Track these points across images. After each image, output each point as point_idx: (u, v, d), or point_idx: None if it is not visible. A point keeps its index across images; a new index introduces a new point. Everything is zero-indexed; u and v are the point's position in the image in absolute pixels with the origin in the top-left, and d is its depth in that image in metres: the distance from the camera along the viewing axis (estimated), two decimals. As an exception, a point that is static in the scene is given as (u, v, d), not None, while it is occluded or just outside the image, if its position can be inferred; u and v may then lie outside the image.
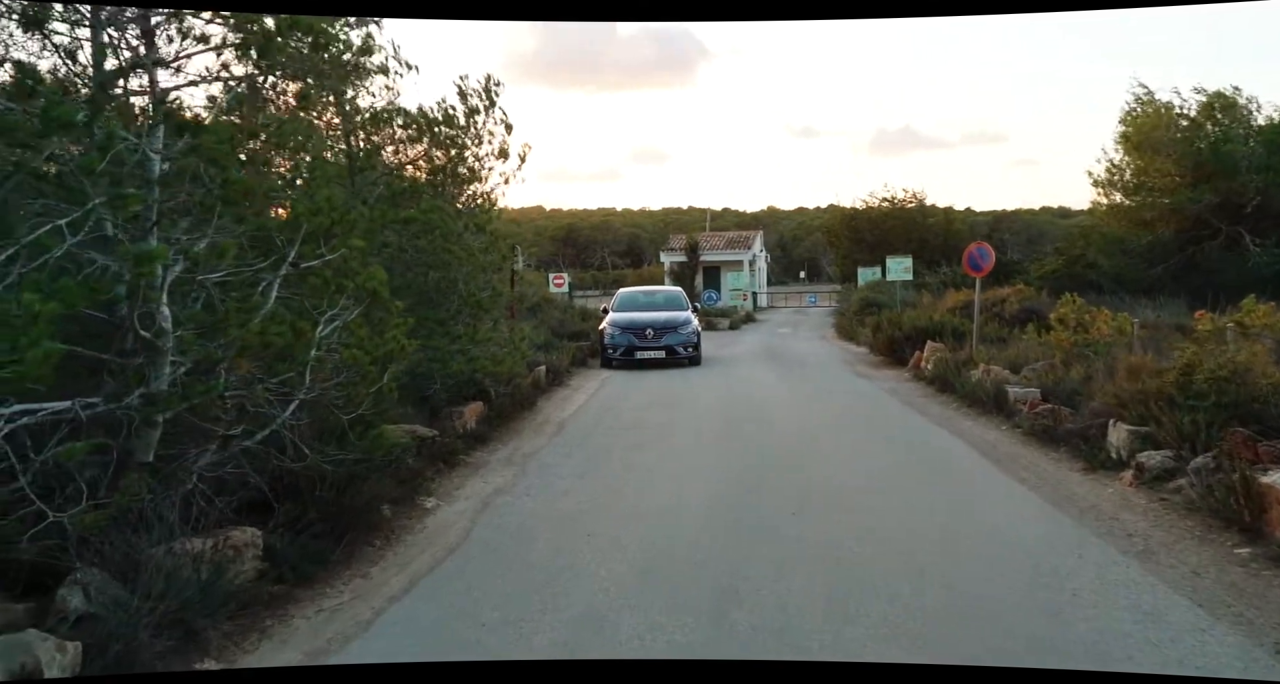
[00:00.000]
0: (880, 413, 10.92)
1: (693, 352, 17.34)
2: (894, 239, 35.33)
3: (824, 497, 6.66)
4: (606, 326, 17.62)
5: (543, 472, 7.70)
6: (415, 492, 6.56)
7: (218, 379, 4.10)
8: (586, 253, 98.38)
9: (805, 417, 10.62)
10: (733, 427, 9.93)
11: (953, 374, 12.26)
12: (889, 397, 12.35)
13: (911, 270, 23.28)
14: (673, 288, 20.06)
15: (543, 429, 9.98)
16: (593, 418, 10.81)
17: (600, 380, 15.10)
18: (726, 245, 49.59)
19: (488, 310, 9.86)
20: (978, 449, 8.45)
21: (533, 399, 12.01)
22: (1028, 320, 16.16)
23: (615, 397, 12.88)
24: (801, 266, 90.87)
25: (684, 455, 8.30)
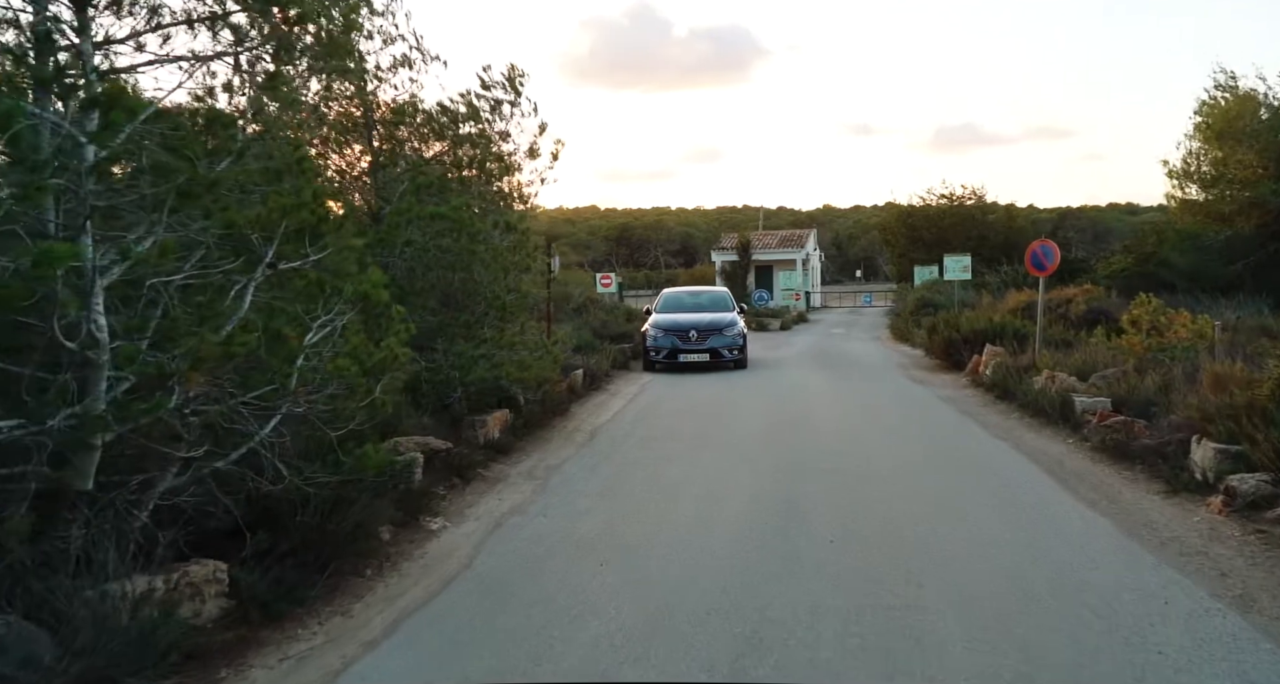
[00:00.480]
0: (934, 423, 10.16)
1: (738, 354, 16.67)
2: (952, 237, 34.18)
3: (868, 523, 6.00)
4: (649, 328, 17.05)
5: (564, 487, 7.15)
6: (421, 511, 6.06)
7: (166, 396, 3.62)
8: (640, 252, 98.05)
9: (852, 427, 9.92)
10: (773, 438, 9.28)
11: (1013, 381, 11.44)
12: (944, 405, 11.57)
13: (970, 269, 22.29)
14: (718, 288, 19.41)
15: (572, 438, 9.44)
16: (626, 426, 10.24)
17: (640, 385, 14.53)
18: (779, 244, 48.67)
19: (514, 314, 9.35)
20: (1042, 466, 7.69)
21: (566, 405, 11.49)
22: (1096, 322, 15.20)
23: (653, 402, 12.30)
24: (857, 266, 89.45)
25: (717, 471, 7.68)
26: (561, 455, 8.49)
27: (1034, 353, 12.93)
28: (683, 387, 14.20)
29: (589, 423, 10.51)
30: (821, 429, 9.78)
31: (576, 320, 21.45)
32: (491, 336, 8.96)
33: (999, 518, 6.10)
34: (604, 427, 10.22)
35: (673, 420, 10.56)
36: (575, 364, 13.94)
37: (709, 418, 10.74)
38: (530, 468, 7.91)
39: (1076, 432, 8.89)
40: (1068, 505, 6.42)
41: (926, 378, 14.89)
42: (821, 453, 8.36)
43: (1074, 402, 9.43)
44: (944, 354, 15.99)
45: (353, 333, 5.19)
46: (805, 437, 9.29)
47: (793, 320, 32.68)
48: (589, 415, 11.14)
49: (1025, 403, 10.47)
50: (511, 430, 9.03)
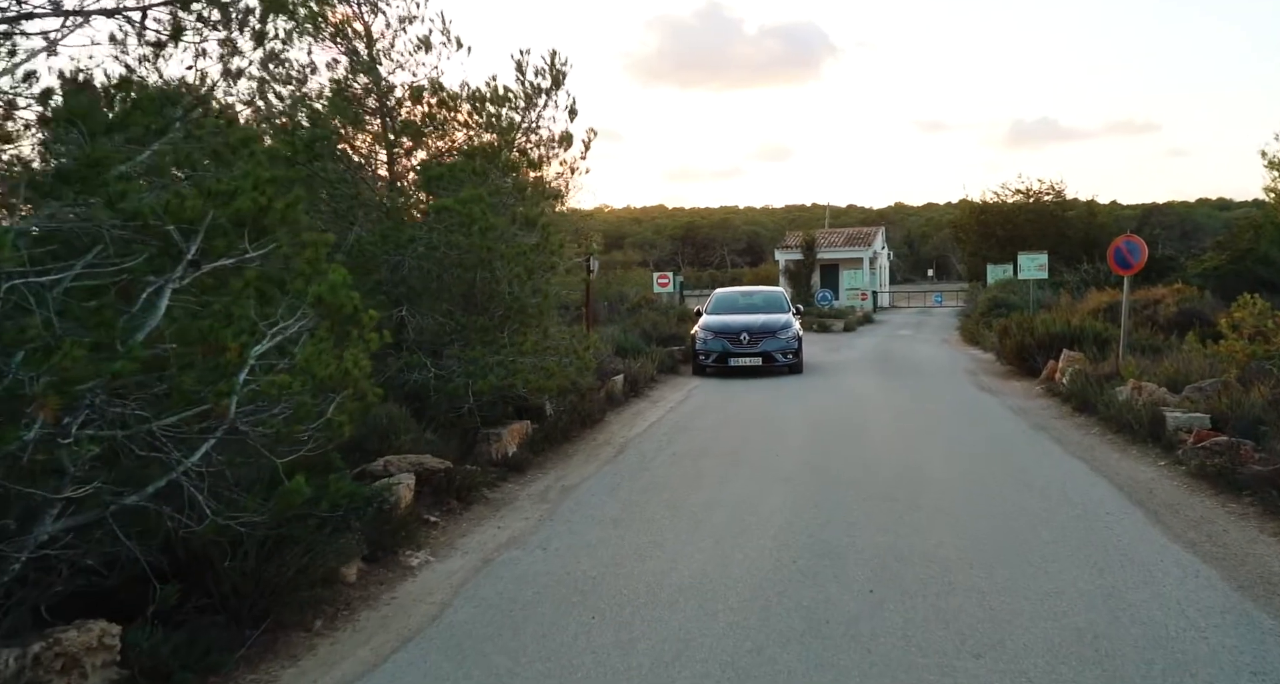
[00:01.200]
0: (1003, 439, 9.11)
1: (792, 359, 15.70)
2: (1028, 234, 32.50)
3: (916, 567, 5.08)
4: (698, 331, 16.19)
5: (575, 513, 6.37)
6: (403, 544, 5.33)
7: (14, 426, 2.96)
8: (705, 252, 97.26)
9: (908, 444, 8.93)
10: (817, 455, 8.36)
11: (1094, 391, 10.29)
12: (1015, 417, 10.48)
13: (1047, 268, 20.89)
14: (773, 288, 18.45)
15: (598, 453, 8.66)
16: (660, 439, 9.42)
17: (686, 391, 13.68)
18: (845, 242, 47.25)
19: (537, 317, 8.61)
20: (1128, 494, 6.64)
21: (601, 414, 10.72)
22: (1188, 326, 13.87)
23: (695, 411, 11.45)
24: (929, 265, 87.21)
25: (749, 495, 6.81)
26: (582, 474, 7.72)
27: (1117, 359, 11.73)
28: (730, 393, 13.32)
29: (621, 435, 9.72)
30: (873, 445, 8.82)
31: (626, 321, 20.73)
32: (511, 342, 8.23)
33: (1074, 560, 5.12)
34: (636, 439, 9.42)
35: (712, 433, 9.71)
36: (616, 369, 13.20)
37: (752, 430, 9.85)
38: (544, 489, 7.14)
39: (1168, 453, 7.79)
40: (1160, 546, 5.40)
41: (996, 385, 13.74)
42: (870, 475, 7.42)
43: (1165, 417, 8.31)
44: (1016, 359, 14.80)
45: (313, 343, 4.49)
46: (853, 454, 8.35)
47: (857, 321, 31.44)
48: (623, 426, 10.35)
49: (1107, 416, 9.35)
50: (531, 444, 8.29)
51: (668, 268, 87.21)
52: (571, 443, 9.08)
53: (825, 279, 44.18)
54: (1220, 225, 55.75)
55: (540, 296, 8.60)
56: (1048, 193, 34.98)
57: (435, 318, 8.09)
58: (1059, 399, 11.56)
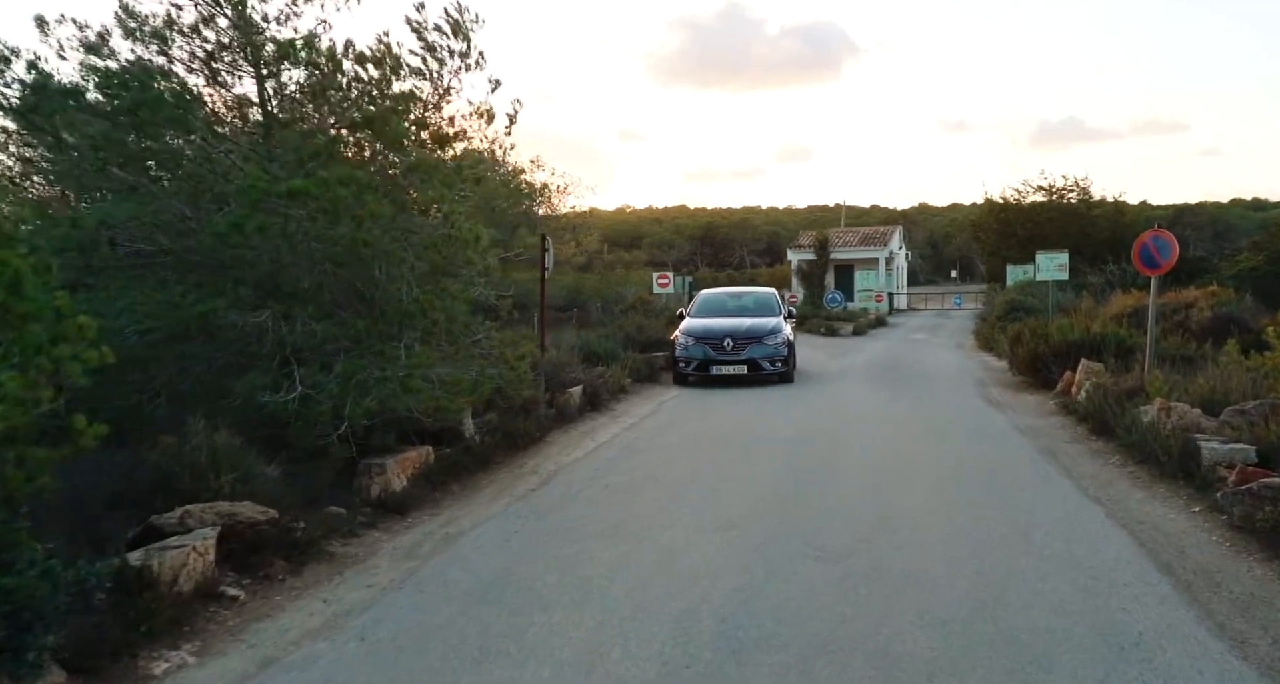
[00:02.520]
0: (1005, 468, 7.64)
1: (780, 367, 14.24)
2: (1051, 233, 30.73)
3: (862, 676, 3.66)
4: (679, 336, 14.76)
5: (438, 577, 4.98)
6: (159, 637, 3.95)
7: None
8: (725, 252, 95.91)
9: (894, 476, 7.48)
10: (779, 493, 6.93)
11: (1114, 411, 8.79)
12: (1022, 440, 8.99)
13: (1068, 268, 19.28)
14: (764, 289, 16.99)
15: (515, 485, 7.26)
16: (602, 465, 8.03)
17: (657, 403, 12.27)
18: (861, 242, 45.63)
19: (445, 323, 7.23)
20: (1153, 554, 5.17)
21: (542, 432, 9.34)
22: (1224, 333, 12.28)
23: (657, 430, 10.04)
24: (953, 265, 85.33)
25: (673, 550, 5.40)
26: (481, 514, 6.32)
27: (1143, 372, 10.20)
28: (706, 407, 11.90)
29: (557, 459, 8.33)
30: (850, 479, 7.38)
31: (612, 324, 19.36)
32: (408, 353, 6.85)
33: (1080, 663, 3.68)
34: (572, 465, 8.03)
35: (665, 458, 8.30)
36: (576, 378, 11.82)
37: (713, 455, 8.44)
38: (418, 539, 5.75)
39: (1204, 494, 6.30)
40: (1198, 644, 3.94)
41: (1006, 399, 12.23)
42: (833, 523, 5.98)
43: (1200, 447, 6.81)
44: (1029, 369, 13.28)
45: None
46: (823, 491, 6.91)
47: (868, 324, 29.87)
48: (565, 447, 8.96)
49: (1129, 443, 7.85)
50: (428, 476, 6.91)
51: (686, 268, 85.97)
52: (489, 471, 7.70)
53: (840, 280, 42.59)
54: (1254, 226, 53.51)
55: (447, 299, 7.22)
56: (1072, 189, 33.16)
57: (323, 324, 6.72)
58: (1074, 418, 10.06)
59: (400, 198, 6.77)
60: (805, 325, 29.28)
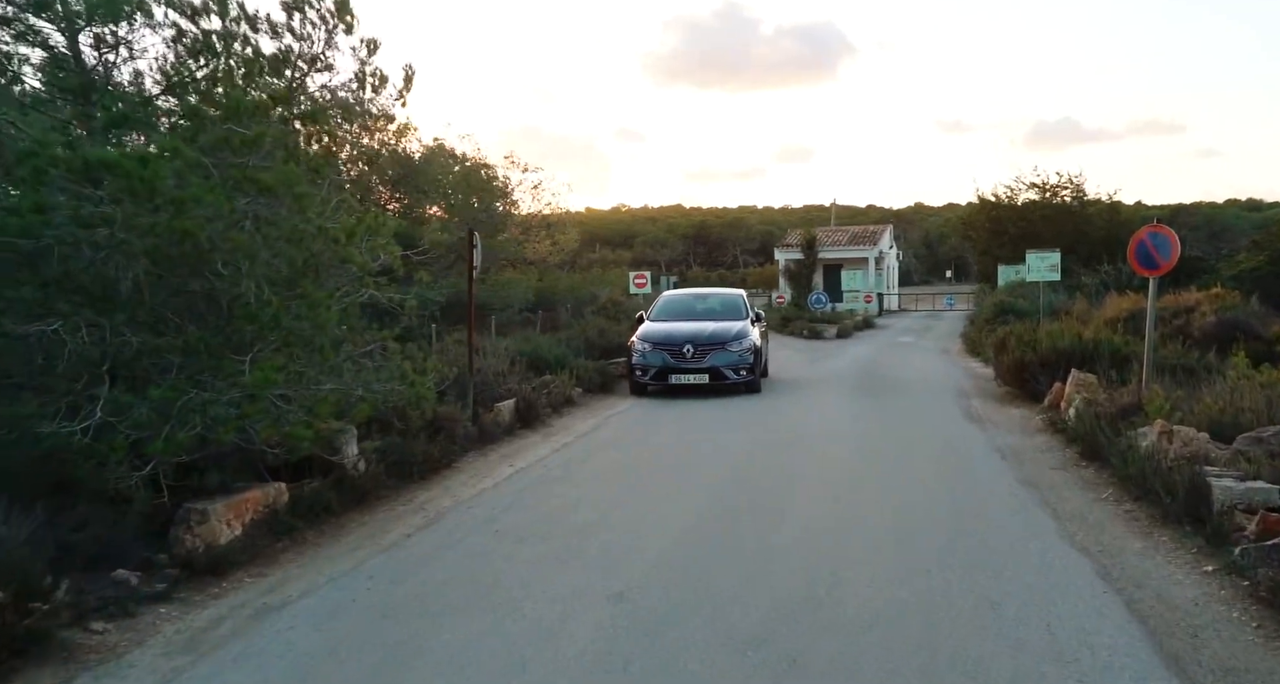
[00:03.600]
0: (981, 507, 6.43)
1: (746, 375, 13.03)
2: (1043, 232, 29.55)
3: None
4: (635, 342, 13.53)
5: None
6: None
7: None
8: (718, 251, 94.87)
9: (848, 517, 6.28)
10: (702, 541, 5.72)
11: (1107, 433, 7.60)
12: (1003, 466, 7.81)
13: (1059, 269, 18.09)
14: (731, 290, 15.77)
15: (383, 533, 5.99)
16: (504, 501, 6.82)
17: (602, 418, 11.06)
18: (850, 241, 44.48)
19: (305, 333, 6.00)
20: (1158, 643, 3.97)
21: (452, 457, 8.13)
22: (1229, 340, 11.10)
23: (588, 453, 8.83)
24: (948, 265, 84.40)
25: (541, 631, 4.19)
26: (320, 576, 5.08)
27: (1140, 386, 9.02)
28: (653, 424, 10.69)
29: (456, 493, 7.11)
30: (795, 519, 6.17)
31: (572, 328, 18.14)
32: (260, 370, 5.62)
33: None
34: (469, 502, 6.80)
35: (578, 493, 7.09)
36: (510, 390, 10.61)
37: (639, 487, 7.24)
38: (218, 616, 4.48)
39: (1217, 547, 5.11)
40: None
41: (989, 413, 11.04)
42: (760, 587, 4.77)
43: (1210, 485, 5.61)
44: (1015, 379, 12.09)
45: None
46: (757, 540, 5.71)
47: (854, 326, 28.68)
48: (474, 476, 7.74)
49: (1125, 474, 6.65)
50: (274, 521, 5.67)
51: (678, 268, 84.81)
52: (367, 510, 6.48)
53: (828, 280, 41.41)
54: (1251, 226, 52.35)
55: (311, 305, 5.99)
56: (1065, 187, 31.92)
57: (141, 335, 5.49)
58: (1063, 438, 8.88)
59: (252, 179, 5.54)
60: (788, 327, 28.12)
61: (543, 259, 29.62)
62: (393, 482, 7.07)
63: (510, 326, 19.79)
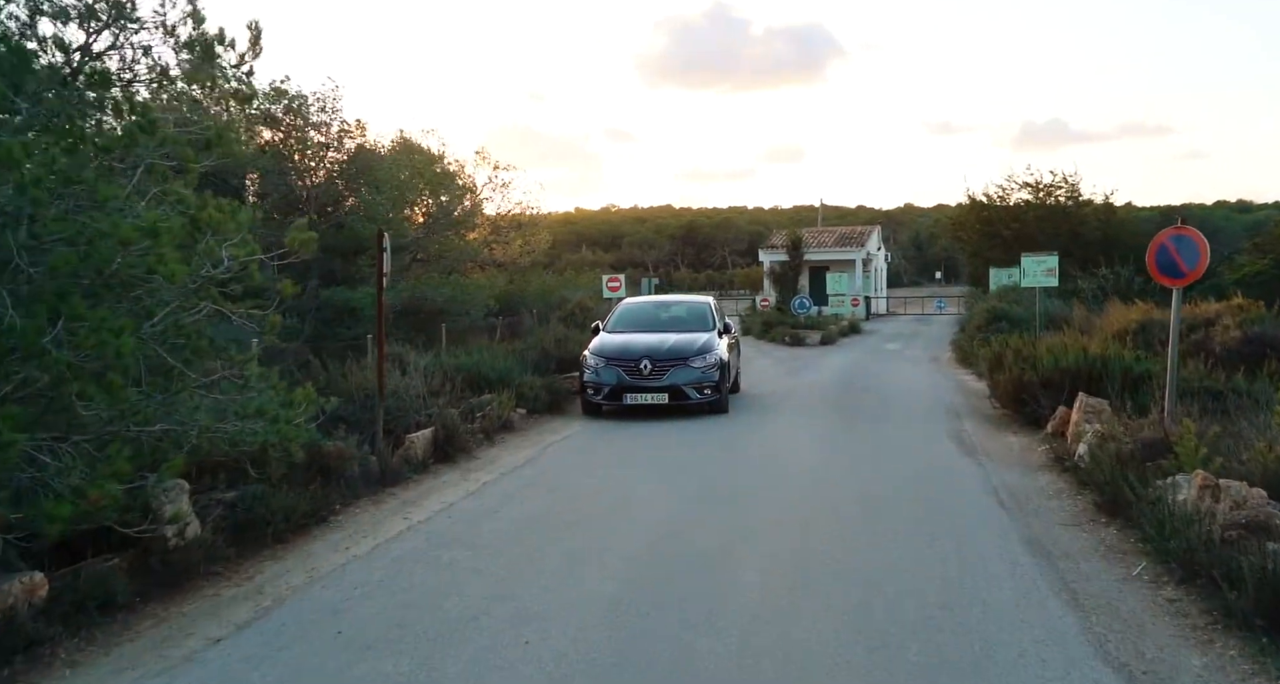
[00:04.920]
0: (978, 587, 4.98)
1: (710, 394, 11.57)
2: (1038, 233, 28.20)
3: None
4: (588, 356, 12.05)
5: None
6: None
7: None
8: (707, 252, 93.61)
9: (805, 607, 4.83)
10: (620, 645, 4.26)
11: (1130, 480, 6.16)
12: (1003, 518, 6.37)
13: (1057, 273, 16.71)
14: (698, 298, 14.29)
15: (179, 641, 4.48)
16: (373, 579, 5.34)
17: (539, 449, 9.58)
18: (836, 242, 43.07)
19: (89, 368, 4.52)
20: None
21: (330, 509, 6.66)
22: (1259, 359, 9.71)
23: (507, 498, 7.35)
24: (938, 267, 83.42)
25: None
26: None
27: (1163, 417, 7.62)
28: (593, 458, 9.22)
29: (313, 565, 5.60)
30: (737, 607, 4.72)
31: (528, 338, 16.67)
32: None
33: None
34: (325, 579, 5.32)
35: (470, 563, 5.62)
36: (429, 416, 9.13)
37: (549, 553, 5.76)
38: None
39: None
40: None
41: (983, 440, 9.63)
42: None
43: None
44: (1013, 400, 10.67)
45: None
46: (680, 644, 4.25)
47: (838, 332, 27.26)
48: (348, 536, 6.25)
49: (1161, 545, 5.21)
50: (11, 632, 4.16)
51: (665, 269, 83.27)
52: (183, 595, 4.97)
53: (814, 282, 39.99)
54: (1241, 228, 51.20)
55: (97, 332, 4.49)
56: (1060, 186, 30.50)
57: None
58: (1072, 477, 7.47)
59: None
60: (770, 334, 26.69)
61: (513, 260, 28.15)
62: (235, 550, 5.58)
63: (469, 334, 18.32)
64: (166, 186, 5.29)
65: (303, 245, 6.01)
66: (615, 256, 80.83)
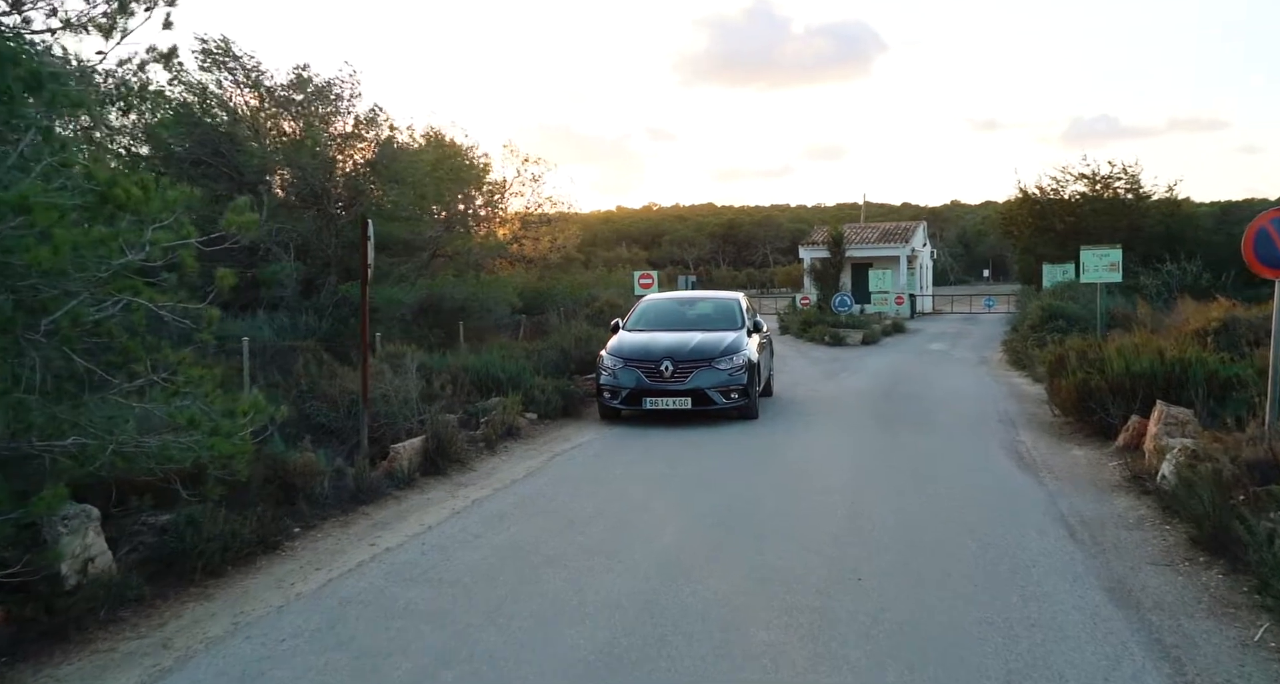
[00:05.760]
0: (1048, 645, 3.94)
1: (738, 398, 10.55)
2: (1094, 227, 26.63)
3: None
4: (605, 357, 11.10)
5: None
6: None
7: None
8: (747, 250, 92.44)
9: (839, 637, 3.82)
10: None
11: (1238, 514, 5.05)
12: (1076, 553, 5.29)
13: (1120, 268, 15.40)
14: (726, 294, 13.23)
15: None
16: (299, 631, 4.43)
17: (545, 459, 8.65)
18: (880, 238, 41.65)
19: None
20: None
21: (277, 537, 5.76)
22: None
23: (492, 520, 6.41)
24: (985, 264, 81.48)
25: None
26: None
27: (1267, 431, 6.47)
28: (599, 471, 8.25)
29: (242, 609, 4.69)
30: (747, 648, 3.73)
31: (549, 337, 15.77)
32: None
33: None
34: (245, 630, 4.41)
35: (429, 605, 4.69)
36: (421, 422, 8.24)
37: (524, 597, 4.81)
38: None
39: None
40: None
41: (1043, 453, 8.51)
42: None
43: None
44: (1076, 407, 9.52)
45: None
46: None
47: (881, 332, 26.01)
48: (300, 568, 5.35)
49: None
50: None
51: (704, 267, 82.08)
52: (69, 651, 4.09)
53: (856, 280, 38.66)
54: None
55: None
56: (1119, 177, 28.79)
57: None
58: (1157, 505, 6.34)
59: None
60: (809, 333, 25.54)
61: (542, 256, 27.34)
62: (156, 588, 4.71)
63: (491, 333, 17.48)
64: (66, 156, 4.43)
65: (242, 228, 5.13)
66: (655, 254, 79.99)
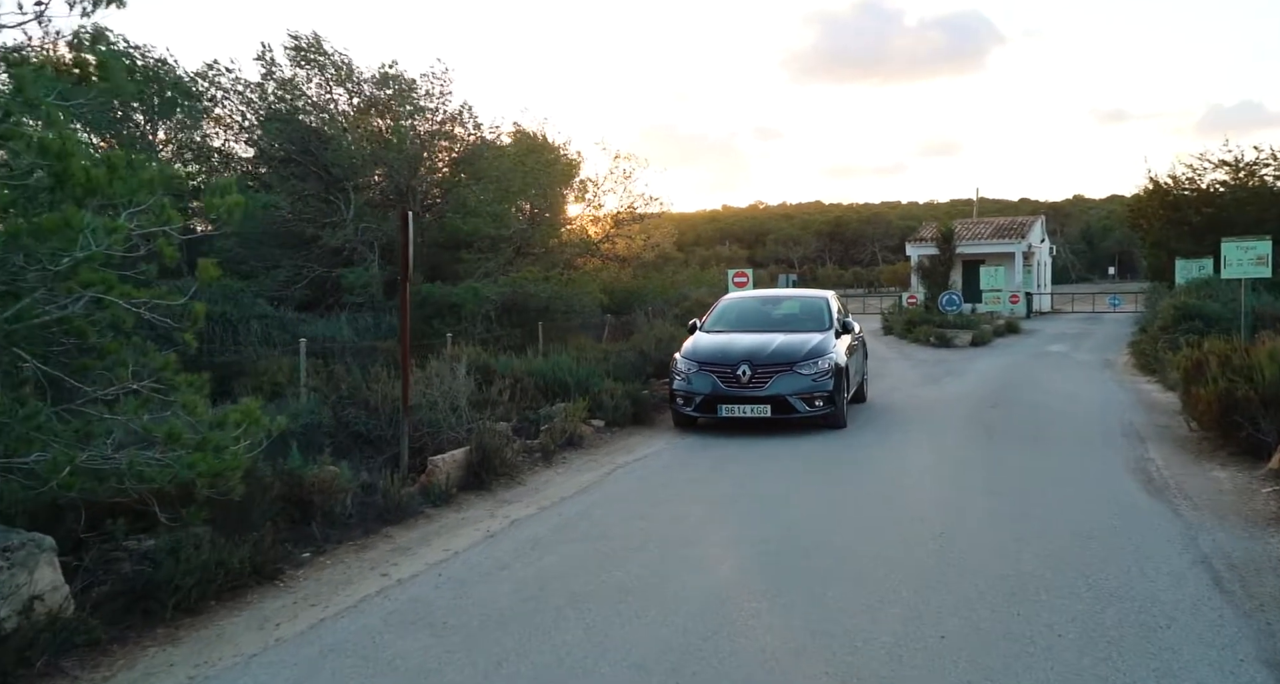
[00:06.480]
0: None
1: (823, 406, 9.58)
2: (1238, 219, 24.21)
3: None
4: (678, 360, 10.29)
5: None
6: None
7: None
8: (855, 248, 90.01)
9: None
10: None
11: None
12: (1224, 607, 4.21)
13: (1269, 261, 13.65)
14: (815, 292, 12.16)
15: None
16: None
17: (603, 472, 7.91)
18: (994, 234, 39.43)
19: None
20: None
21: (275, 567, 5.17)
22: None
23: (525, 547, 5.69)
24: (1110, 261, 77.29)
25: None
26: None
27: None
28: (660, 489, 7.44)
29: (206, 658, 4.08)
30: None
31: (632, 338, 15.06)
32: None
33: None
34: (225, 676, 3.82)
35: (415, 662, 3.99)
36: (467, 431, 7.61)
37: (530, 652, 4.07)
38: None
39: None
40: None
41: (1177, 475, 7.28)
42: None
43: None
44: (1217, 421, 8.21)
45: None
46: None
47: (992, 332, 24.34)
48: (291, 605, 4.72)
49: None
50: None
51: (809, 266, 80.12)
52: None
53: (967, 277, 36.69)
54: None
55: None
56: (1269, 163, 26.08)
57: None
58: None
59: None
60: (913, 333, 24.12)
61: (635, 255, 26.71)
62: (116, 630, 4.15)
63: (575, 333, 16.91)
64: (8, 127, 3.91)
65: (228, 211, 4.55)
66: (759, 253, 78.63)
